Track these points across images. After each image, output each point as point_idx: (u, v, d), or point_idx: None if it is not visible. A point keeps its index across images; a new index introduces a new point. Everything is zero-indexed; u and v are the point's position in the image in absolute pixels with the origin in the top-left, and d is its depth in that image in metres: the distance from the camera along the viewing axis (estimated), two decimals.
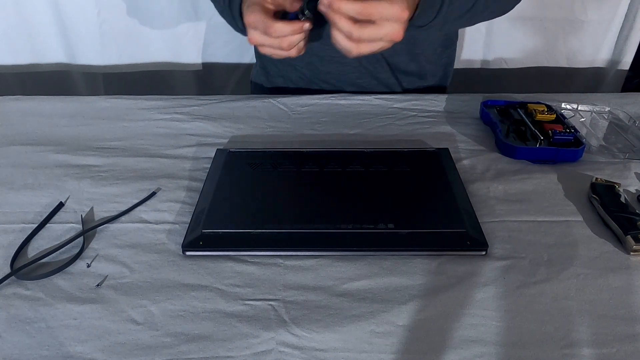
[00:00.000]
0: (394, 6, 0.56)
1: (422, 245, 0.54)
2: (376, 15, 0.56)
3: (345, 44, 0.58)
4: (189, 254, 0.53)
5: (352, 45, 0.58)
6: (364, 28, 0.56)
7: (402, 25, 0.57)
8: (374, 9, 0.55)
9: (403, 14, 0.56)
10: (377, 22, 0.56)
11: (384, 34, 0.57)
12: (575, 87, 1.32)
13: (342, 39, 0.58)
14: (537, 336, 0.45)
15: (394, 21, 0.56)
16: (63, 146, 0.72)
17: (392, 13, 0.56)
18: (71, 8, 1.17)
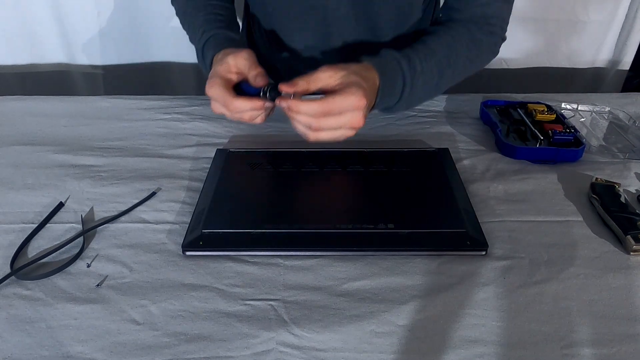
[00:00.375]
0: (350, 97, 0.56)
1: (422, 245, 0.54)
2: (335, 111, 0.56)
3: (304, 132, 0.59)
4: (188, 254, 0.53)
5: (311, 133, 0.58)
6: (323, 120, 0.57)
7: (361, 112, 0.57)
8: (332, 106, 0.56)
9: (361, 103, 0.57)
10: (336, 114, 0.57)
11: (343, 123, 0.57)
12: (576, 87, 1.32)
13: (302, 128, 0.59)
14: (537, 336, 0.45)
15: (352, 111, 0.57)
16: (63, 146, 0.72)
17: (350, 104, 0.56)
18: (71, 8, 1.17)
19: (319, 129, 0.58)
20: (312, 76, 0.60)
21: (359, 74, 0.60)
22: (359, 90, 0.57)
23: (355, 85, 0.58)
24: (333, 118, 0.57)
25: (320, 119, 0.57)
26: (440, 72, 0.69)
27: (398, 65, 0.65)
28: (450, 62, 0.70)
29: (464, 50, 0.72)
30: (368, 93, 0.58)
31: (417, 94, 0.68)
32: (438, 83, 0.70)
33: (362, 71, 0.61)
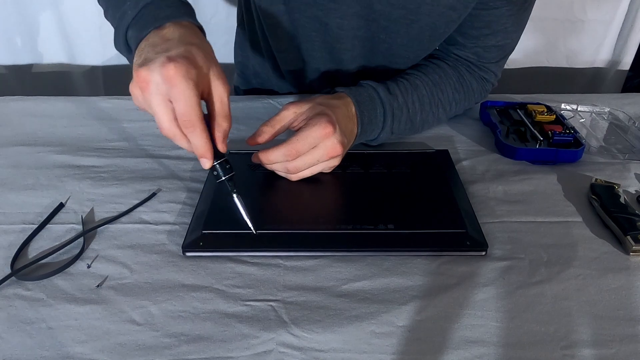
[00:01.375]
0: (314, 129, 0.55)
1: (422, 246, 0.54)
2: (304, 148, 0.55)
3: (285, 175, 0.59)
4: (189, 255, 0.53)
5: (292, 176, 0.58)
6: (297, 161, 0.56)
7: (332, 139, 0.56)
8: (298, 144, 0.55)
9: (326, 130, 0.55)
10: (307, 150, 0.56)
11: (319, 156, 0.56)
12: (575, 88, 1.32)
13: (281, 173, 0.59)
14: (537, 336, 0.45)
15: (322, 141, 0.56)
16: (63, 146, 0.72)
17: (316, 135, 0.55)
18: (71, 8, 1.17)
19: (297, 170, 0.57)
20: (275, 118, 0.59)
21: (323, 104, 0.59)
22: (322, 118, 0.56)
23: (317, 116, 0.56)
24: (306, 156, 0.56)
25: (294, 161, 0.56)
26: (421, 107, 0.69)
27: (375, 93, 0.65)
28: (433, 99, 0.71)
29: (450, 91, 0.73)
30: (334, 118, 0.57)
31: (401, 122, 0.68)
32: (420, 118, 0.70)
33: (329, 100, 0.61)
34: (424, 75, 0.71)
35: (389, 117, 0.66)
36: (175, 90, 0.44)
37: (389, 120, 0.66)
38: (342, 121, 0.59)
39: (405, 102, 0.67)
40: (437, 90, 0.71)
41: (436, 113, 0.72)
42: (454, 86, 0.73)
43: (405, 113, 0.68)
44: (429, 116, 0.71)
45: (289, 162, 0.57)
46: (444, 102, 0.72)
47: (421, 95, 0.70)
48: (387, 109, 0.65)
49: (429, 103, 0.70)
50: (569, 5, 1.21)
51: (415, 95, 0.69)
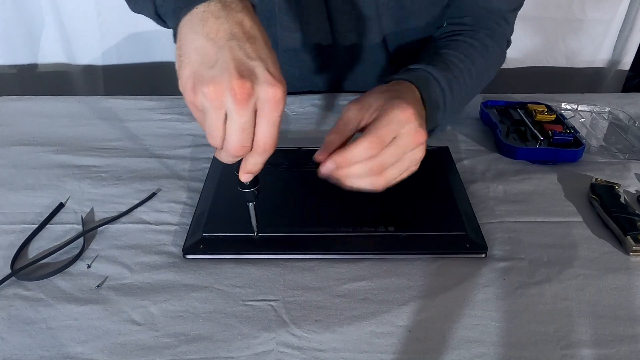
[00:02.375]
0: (394, 112, 0.47)
1: (422, 248, 0.54)
2: (387, 137, 0.46)
3: (369, 183, 0.48)
4: (189, 257, 0.53)
5: (378, 178, 0.47)
6: (381, 155, 0.46)
7: (414, 123, 0.47)
8: (380, 132, 0.46)
9: (407, 112, 0.47)
10: (390, 139, 0.47)
11: (404, 145, 0.47)
12: (575, 87, 1.31)
13: (363, 181, 0.48)
14: (537, 336, 0.45)
15: (404, 126, 0.47)
16: (63, 146, 0.72)
17: (398, 119, 0.46)
18: (71, 8, 1.17)
19: (383, 167, 0.47)
20: (340, 122, 0.49)
21: (389, 91, 0.51)
22: (398, 101, 0.48)
23: (390, 101, 0.48)
24: (390, 147, 0.46)
25: (379, 156, 0.46)
26: (466, 79, 0.63)
27: (426, 73, 0.58)
28: (470, 72, 0.64)
29: (480, 59, 0.67)
30: (410, 101, 0.49)
31: (455, 102, 0.61)
32: (466, 92, 0.64)
33: (391, 87, 0.53)
34: (452, 50, 0.65)
35: (447, 94, 0.59)
36: (275, 114, 0.41)
37: (448, 98, 0.59)
38: (415, 105, 0.50)
39: (455, 76, 0.61)
40: (469, 62, 0.64)
41: (476, 86, 0.67)
42: (482, 54, 0.67)
43: (457, 86, 0.61)
44: (472, 90, 0.66)
45: (373, 160, 0.46)
46: (480, 72, 0.67)
47: (461, 68, 0.63)
48: (444, 86, 0.58)
49: (470, 76, 0.64)
50: (568, 5, 1.21)
51: (457, 69, 0.62)
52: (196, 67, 0.40)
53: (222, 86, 0.38)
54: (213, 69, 0.39)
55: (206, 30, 0.40)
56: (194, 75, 0.40)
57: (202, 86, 0.39)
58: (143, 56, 1.25)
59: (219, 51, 0.39)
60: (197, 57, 0.40)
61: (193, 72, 0.40)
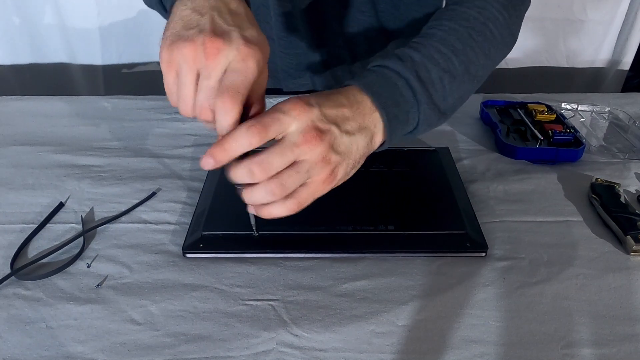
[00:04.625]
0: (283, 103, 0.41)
1: (422, 247, 0.54)
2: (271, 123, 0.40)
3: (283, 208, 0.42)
4: (189, 256, 0.53)
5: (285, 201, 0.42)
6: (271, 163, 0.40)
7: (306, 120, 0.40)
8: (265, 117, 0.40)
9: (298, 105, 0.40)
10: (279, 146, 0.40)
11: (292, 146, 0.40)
12: (576, 87, 1.32)
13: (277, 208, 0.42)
14: (537, 336, 0.45)
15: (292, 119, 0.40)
16: (63, 146, 0.72)
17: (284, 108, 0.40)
18: (71, 8, 1.17)
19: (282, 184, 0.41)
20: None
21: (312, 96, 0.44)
22: (294, 98, 0.42)
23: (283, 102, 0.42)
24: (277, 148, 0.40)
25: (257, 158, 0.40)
26: (452, 48, 0.51)
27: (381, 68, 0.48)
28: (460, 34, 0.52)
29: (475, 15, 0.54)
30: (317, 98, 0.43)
31: (436, 81, 0.49)
32: (459, 61, 0.51)
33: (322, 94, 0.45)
34: (435, 21, 0.54)
35: (414, 83, 0.47)
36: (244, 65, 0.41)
37: (419, 88, 0.47)
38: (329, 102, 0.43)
39: (425, 55, 0.49)
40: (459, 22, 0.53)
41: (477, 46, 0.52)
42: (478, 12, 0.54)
43: (434, 67, 0.49)
44: (470, 53, 0.52)
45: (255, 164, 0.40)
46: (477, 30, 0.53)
47: (440, 38, 0.51)
48: (408, 76, 0.47)
49: (458, 40, 0.51)
50: (568, 6, 1.21)
51: (435, 42, 0.50)
52: (177, 29, 0.42)
53: (196, 44, 0.40)
54: (192, 30, 0.41)
55: (194, 5, 0.43)
56: (173, 35, 0.42)
57: (178, 43, 0.41)
58: (143, 56, 1.25)
59: (201, 18, 0.41)
60: (180, 22, 0.42)
61: (173, 33, 0.42)
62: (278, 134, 0.41)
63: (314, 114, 0.41)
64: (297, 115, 0.41)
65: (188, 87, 0.42)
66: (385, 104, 0.45)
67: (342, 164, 0.43)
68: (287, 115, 0.41)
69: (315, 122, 0.41)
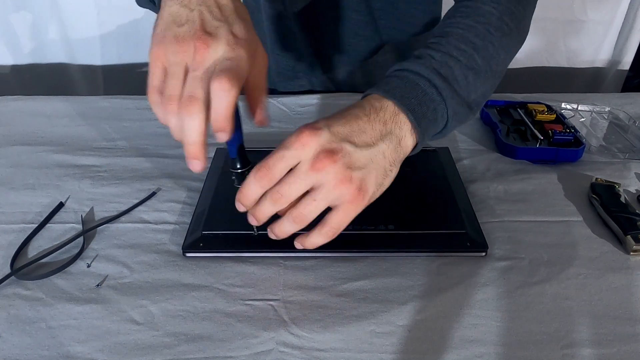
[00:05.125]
0: (289, 138, 0.41)
1: (422, 247, 0.54)
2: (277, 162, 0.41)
3: (291, 227, 0.44)
4: (189, 255, 0.53)
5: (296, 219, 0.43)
6: (279, 188, 0.42)
7: (312, 149, 0.40)
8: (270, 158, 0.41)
9: (302, 137, 0.41)
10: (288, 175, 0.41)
11: (303, 174, 0.41)
12: (576, 87, 1.32)
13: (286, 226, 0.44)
14: (537, 336, 0.45)
15: (301, 152, 0.41)
16: (63, 146, 0.72)
17: (288, 144, 0.41)
18: (71, 8, 1.17)
19: (282, 200, 0.42)
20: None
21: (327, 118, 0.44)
22: (303, 127, 0.42)
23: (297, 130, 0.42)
24: (288, 178, 0.41)
25: (276, 190, 0.42)
26: (471, 45, 0.50)
27: (400, 72, 0.49)
28: (477, 29, 0.52)
29: (491, 9, 0.53)
30: (318, 123, 0.43)
31: (460, 78, 0.49)
32: (481, 57, 0.51)
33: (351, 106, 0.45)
34: (450, 19, 0.54)
35: (437, 80, 0.47)
36: (235, 54, 0.41)
37: (443, 84, 0.47)
38: (341, 119, 0.43)
39: (446, 53, 0.49)
40: (476, 19, 0.52)
41: (496, 42, 0.52)
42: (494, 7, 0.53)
43: (456, 63, 0.49)
44: (491, 49, 0.51)
45: (272, 196, 0.42)
46: (495, 26, 0.52)
47: (459, 35, 0.51)
48: (429, 75, 0.47)
49: (477, 36, 0.51)
50: (569, 6, 1.21)
51: (454, 40, 0.50)
52: (166, 25, 0.42)
53: (185, 40, 0.40)
54: (182, 27, 0.41)
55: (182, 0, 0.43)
56: (162, 31, 0.42)
57: (168, 39, 0.41)
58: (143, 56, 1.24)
59: (190, 13, 0.42)
60: (169, 18, 0.42)
61: (162, 29, 0.42)
62: (288, 169, 0.41)
63: (322, 137, 0.41)
64: (302, 147, 0.41)
65: (176, 79, 0.41)
66: (409, 105, 0.45)
67: (368, 177, 0.43)
68: (292, 149, 0.41)
69: (325, 146, 0.41)
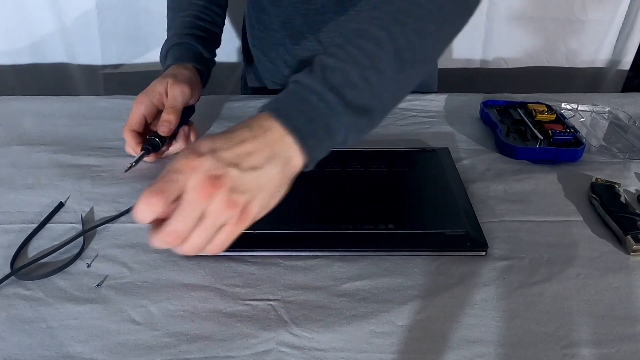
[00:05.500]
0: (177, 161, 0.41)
1: (422, 246, 0.54)
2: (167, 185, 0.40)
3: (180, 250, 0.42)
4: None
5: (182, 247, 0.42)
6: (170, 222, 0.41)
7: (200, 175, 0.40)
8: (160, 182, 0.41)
9: (191, 162, 0.40)
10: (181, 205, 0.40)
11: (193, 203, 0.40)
12: (576, 87, 1.32)
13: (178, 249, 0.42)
14: (537, 336, 0.45)
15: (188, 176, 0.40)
16: (63, 146, 0.72)
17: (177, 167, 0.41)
18: (71, 8, 1.17)
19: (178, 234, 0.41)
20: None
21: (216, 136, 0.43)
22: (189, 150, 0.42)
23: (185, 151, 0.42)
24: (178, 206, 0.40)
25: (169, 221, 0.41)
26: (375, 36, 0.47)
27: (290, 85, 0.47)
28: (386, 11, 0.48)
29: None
30: (209, 144, 0.42)
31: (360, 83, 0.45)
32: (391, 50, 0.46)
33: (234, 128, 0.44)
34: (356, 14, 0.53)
35: (327, 94, 0.44)
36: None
37: (334, 98, 0.44)
38: (227, 142, 0.42)
39: (341, 58, 0.46)
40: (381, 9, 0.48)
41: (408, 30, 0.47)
42: None
43: (353, 67, 0.45)
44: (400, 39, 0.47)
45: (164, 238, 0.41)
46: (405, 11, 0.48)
47: (361, 32, 0.47)
48: (318, 88, 0.44)
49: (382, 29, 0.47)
50: (569, 5, 1.21)
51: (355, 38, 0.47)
52: None
53: None
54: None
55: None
56: None
57: None
58: (143, 56, 1.25)
59: None
60: None
61: None
62: (179, 193, 0.41)
63: (205, 164, 0.40)
64: (189, 172, 0.40)
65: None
66: (297, 124, 0.44)
67: (253, 201, 0.42)
68: (180, 174, 0.41)
69: (209, 172, 0.40)
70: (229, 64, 1.27)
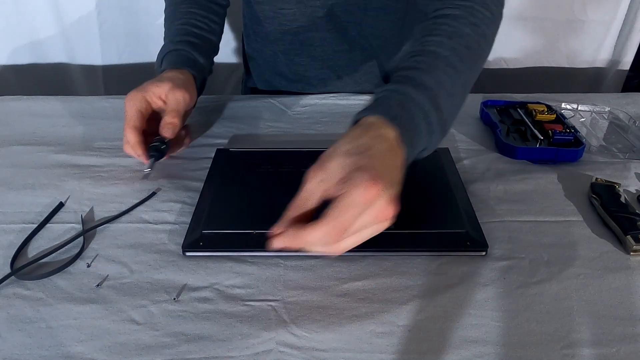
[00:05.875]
0: (353, 195, 0.42)
1: (422, 246, 0.54)
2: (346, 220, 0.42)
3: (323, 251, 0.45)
4: (189, 255, 0.53)
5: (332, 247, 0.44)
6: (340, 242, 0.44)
7: (381, 201, 0.43)
8: (344, 219, 0.42)
9: (371, 193, 0.42)
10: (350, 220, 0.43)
11: (366, 222, 0.43)
12: (576, 87, 1.32)
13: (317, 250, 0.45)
14: (537, 336, 0.45)
15: (368, 206, 0.43)
16: (63, 146, 0.72)
17: (360, 202, 0.42)
18: (71, 8, 1.17)
19: (342, 250, 0.45)
20: (301, 199, 0.46)
21: (353, 152, 0.45)
22: (362, 177, 0.43)
23: (355, 174, 0.43)
24: (353, 228, 0.43)
25: (335, 244, 0.44)
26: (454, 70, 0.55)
27: (401, 96, 0.52)
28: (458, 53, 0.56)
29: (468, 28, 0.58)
30: (376, 170, 0.44)
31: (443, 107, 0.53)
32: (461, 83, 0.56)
33: (357, 140, 0.47)
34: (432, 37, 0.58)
35: (433, 115, 0.52)
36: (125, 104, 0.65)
37: (435, 118, 0.52)
38: (385, 163, 0.46)
39: (436, 79, 0.53)
40: (457, 40, 0.56)
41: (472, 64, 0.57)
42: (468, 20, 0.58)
43: (442, 91, 0.53)
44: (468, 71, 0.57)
45: (330, 248, 0.44)
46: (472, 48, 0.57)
47: (444, 58, 0.55)
48: (427, 108, 0.51)
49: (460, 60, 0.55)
50: (569, 6, 1.21)
51: (440, 62, 0.54)
52: None
53: None
54: None
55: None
56: None
57: None
58: (143, 56, 1.25)
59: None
60: None
61: None
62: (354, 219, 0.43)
63: (385, 196, 0.43)
64: (370, 204, 0.43)
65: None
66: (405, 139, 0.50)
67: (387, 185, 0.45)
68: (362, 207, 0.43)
69: (384, 203, 0.43)
70: (229, 65, 1.28)
